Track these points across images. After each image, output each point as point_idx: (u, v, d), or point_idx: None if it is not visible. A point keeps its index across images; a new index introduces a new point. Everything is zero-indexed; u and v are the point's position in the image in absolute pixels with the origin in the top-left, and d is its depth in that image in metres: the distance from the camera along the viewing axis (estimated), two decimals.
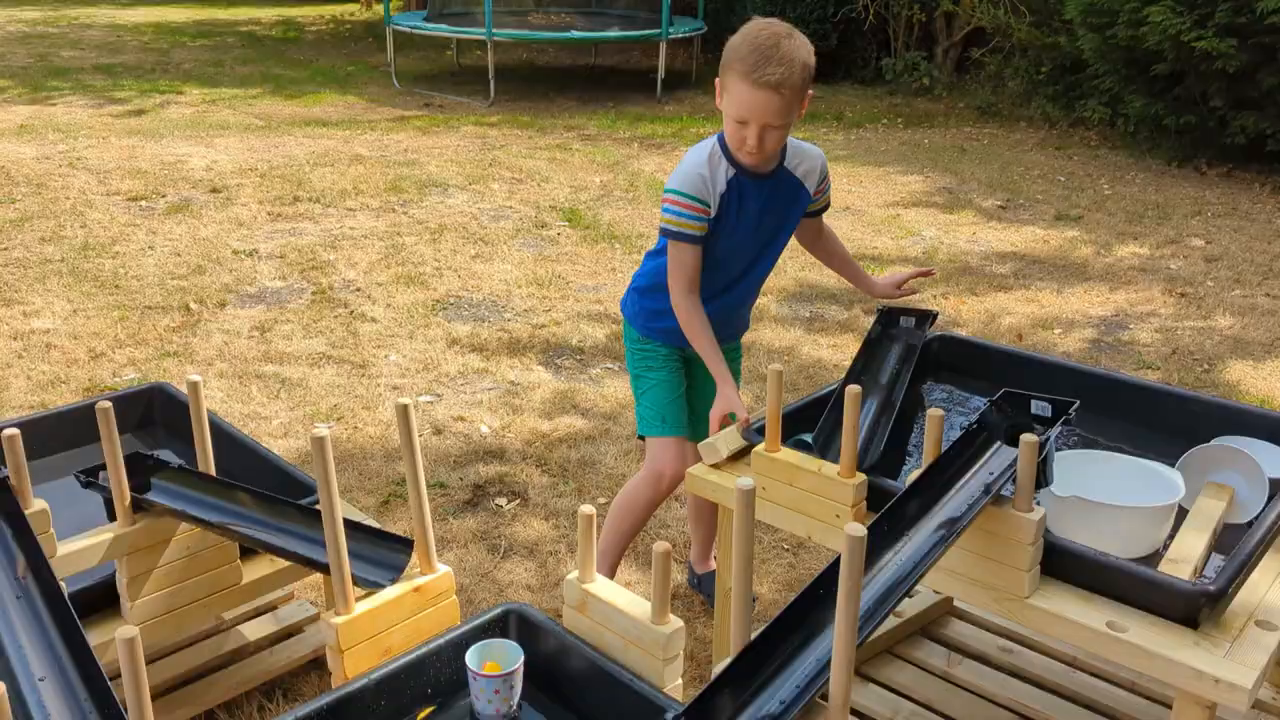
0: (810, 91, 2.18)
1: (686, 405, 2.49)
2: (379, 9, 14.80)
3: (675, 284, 2.29)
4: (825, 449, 2.01)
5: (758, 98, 2.10)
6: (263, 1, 18.31)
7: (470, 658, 1.61)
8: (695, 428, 2.50)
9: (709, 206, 2.24)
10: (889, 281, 2.55)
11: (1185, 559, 1.73)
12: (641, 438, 2.53)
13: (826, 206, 2.50)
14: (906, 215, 6.27)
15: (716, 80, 2.21)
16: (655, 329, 2.46)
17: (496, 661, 1.62)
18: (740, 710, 1.39)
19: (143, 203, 6.19)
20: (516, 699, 1.60)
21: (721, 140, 2.26)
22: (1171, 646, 1.57)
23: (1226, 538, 1.83)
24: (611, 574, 2.58)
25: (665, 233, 2.27)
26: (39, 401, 3.71)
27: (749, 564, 1.42)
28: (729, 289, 2.40)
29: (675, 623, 1.54)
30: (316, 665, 2.40)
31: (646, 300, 2.46)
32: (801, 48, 2.13)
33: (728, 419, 2.17)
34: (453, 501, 3.17)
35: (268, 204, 6.22)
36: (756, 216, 2.30)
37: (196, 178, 6.75)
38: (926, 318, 2.39)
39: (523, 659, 1.61)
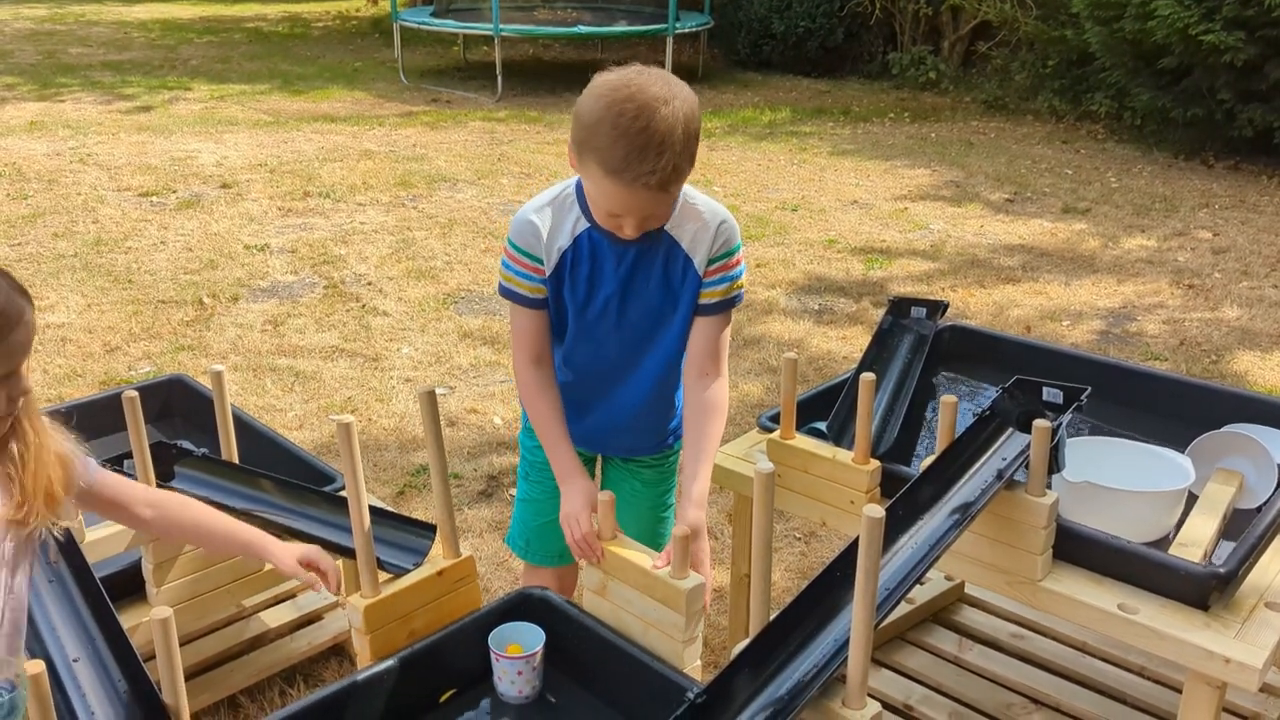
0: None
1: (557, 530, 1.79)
2: (385, 5, 14.81)
3: (516, 353, 1.83)
4: (839, 436, 2.04)
5: (634, 198, 1.61)
6: None
7: (493, 640, 1.64)
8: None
9: (542, 264, 1.77)
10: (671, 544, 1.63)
11: (1195, 543, 1.76)
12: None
13: (723, 306, 1.80)
14: (914, 208, 6.28)
15: (568, 145, 1.67)
16: None
17: (519, 644, 1.65)
18: (760, 689, 1.42)
19: (154, 198, 6.23)
20: (539, 680, 1.64)
21: (579, 187, 1.76)
22: (1182, 628, 1.60)
23: (1236, 523, 1.85)
24: None
25: (500, 291, 1.82)
26: (56, 395, 3.75)
27: (769, 546, 1.45)
28: (609, 380, 1.89)
29: (695, 578, 1.56)
30: (336, 652, 2.43)
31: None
32: (680, 111, 1.58)
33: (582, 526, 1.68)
34: (467, 492, 3.20)
35: (278, 199, 6.25)
36: (619, 287, 1.79)
37: (207, 173, 6.78)
38: (937, 308, 2.42)
39: (544, 641, 1.64)
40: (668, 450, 2.02)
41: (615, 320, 1.82)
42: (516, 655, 1.62)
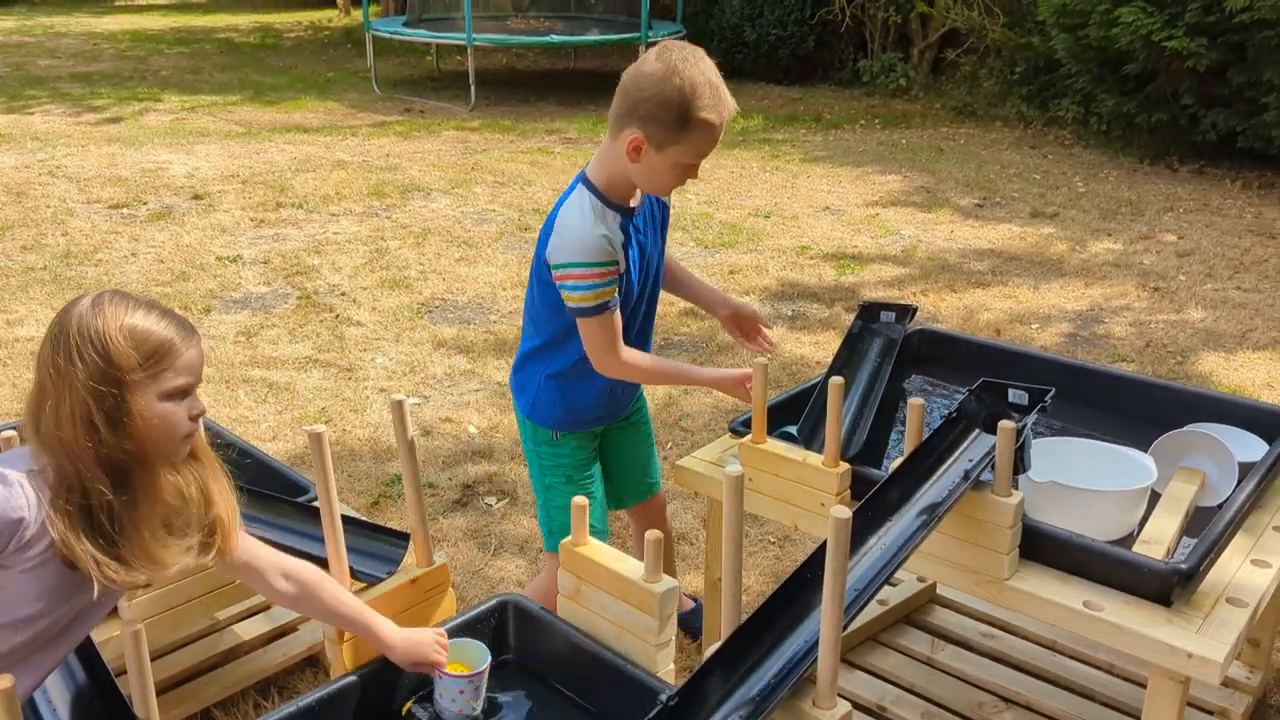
0: None
1: (604, 501, 2.28)
2: (358, 15, 14.79)
3: (609, 356, 2.03)
4: (810, 439, 2.06)
5: (719, 132, 1.95)
6: (240, 8, 18.28)
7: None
8: (619, 493, 2.39)
9: (618, 265, 2.00)
10: (730, 314, 2.31)
11: (1158, 540, 1.79)
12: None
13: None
14: (885, 214, 6.34)
15: (635, 135, 1.91)
16: (581, 420, 2.19)
17: (464, 662, 1.63)
18: (731, 691, 1.44)
19: (124, 210, 6.19)
20: (481, 700, 1.61)
21: (592, 189, 2.01)
22: (1146, 624, 1.63)
23: (1198, 520, 1.89)
24: None
25: (582, 313, 1.99)
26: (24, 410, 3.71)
27: (739, 548, 1.47)
28: (644, 327, 2.20)
29: (669, 581, 1.58)
30: (311, 663, 2.43)
31: (564, 389, 2.15)
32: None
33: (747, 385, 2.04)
34: (442, 501, 3.20)
35: (250, 210, 6.23)
36: (651, 246, 2.13)
37: (178, 185, 6.74)
38: (906, 312, 2.44)
39: (489, 662, 1.62)
40: (639, 402, 2.35)
41: (653, 282, 2.15)
42: (459, 674, 1.59)
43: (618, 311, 2.03)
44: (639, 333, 2.17)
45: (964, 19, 9.60)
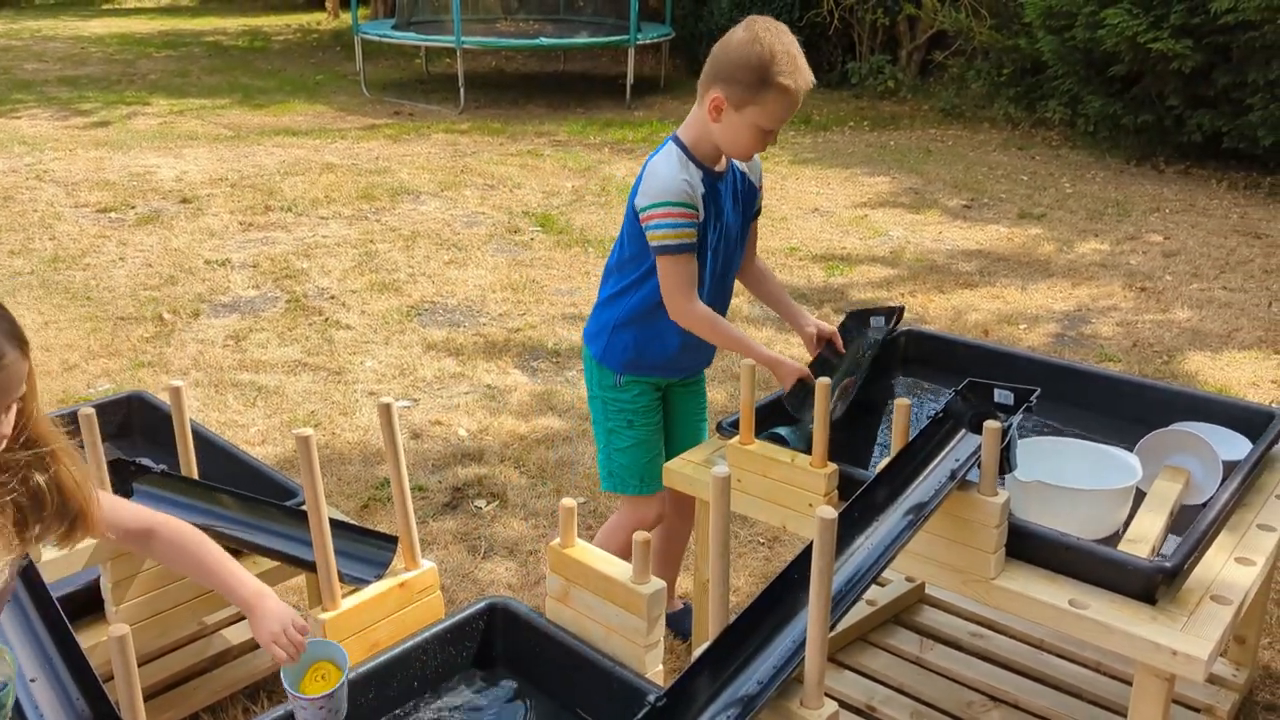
0: None
1: (663, 452, 2.39)
2: (346, 18, 14.77)
3: (682, 299, 2.15)
4: (800, 406, 2.12)
5: (799, 98, 2.07)
6: (228, 11, 18.23)
7: (287, 678, 1.52)
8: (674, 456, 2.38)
9: (697, 211, 2.14)
10: (815, 332, 2.36)
11: (1143, 539, 1.80)
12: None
13: (760, 209, 2.40)
14: (874, 215, 6.36)
15: (716, 95, 2.07)
16: (646, 366, 2.30)
17: (330, 660, 1.55)
18: (719, 691, 1.44)
19: (112, 214, 6.17)
20: (342, 713, 1.52)
21: (680, 145, 2.18)
22: (1131, 621, 1.64)
23: (1183, 518, 1.90)
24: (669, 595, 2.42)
25: (664, 250, 2.13)
26: None
27: (726, 549, 1.47)
28: (716, 291, 2.29)
29: (656, 583, 1.58)
30: None
31: (635, 334, 2.27)
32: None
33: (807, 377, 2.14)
34: (432, 504, 3.20)
35: (239, 213, 6.21)
36: (730, 214, 2.25)
37: (166, 188, 6.72)
38: (893, 313, 2.46)
39: (346, 678, 1.51)
40: (702, 371, 2.47)
41: (731, 236, 2.25)
42: (313, 696, 1.49)
43: (692, 258, 2.14)
44: (716, 287, 2.27)
45: (951, 21, 9.64)
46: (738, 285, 2.40)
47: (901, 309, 2.48)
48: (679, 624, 2.58)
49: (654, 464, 2.35)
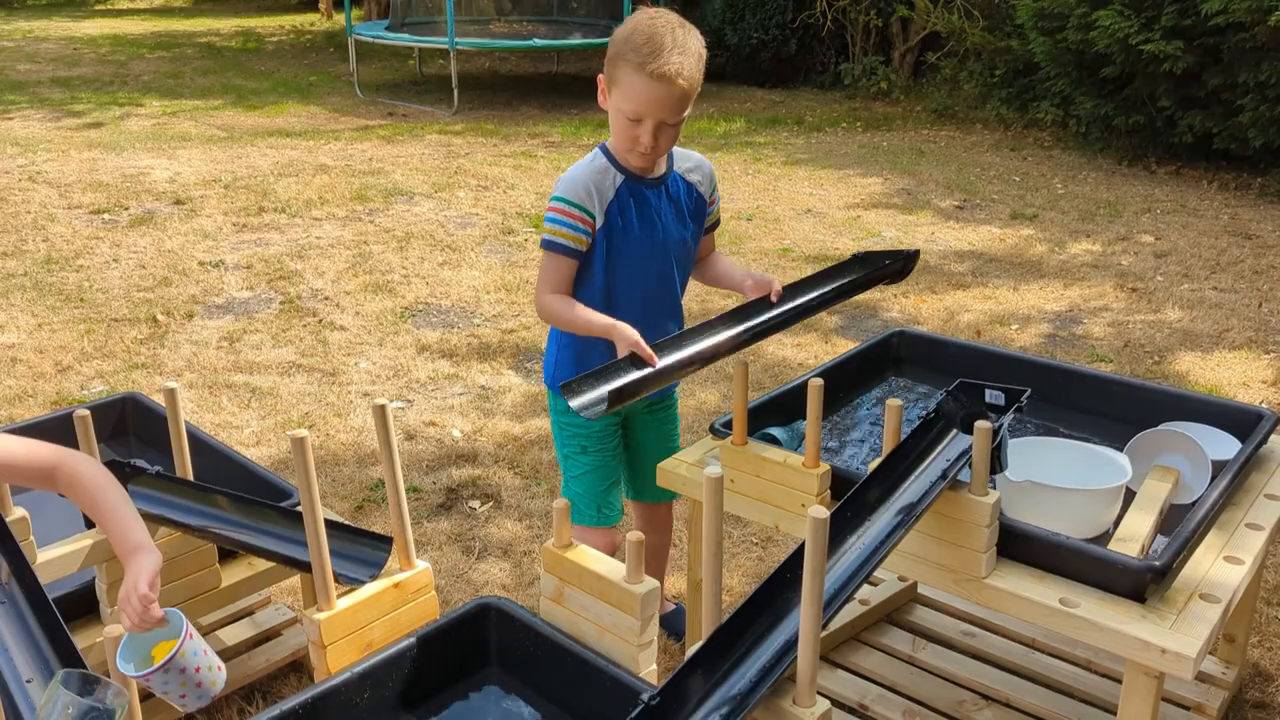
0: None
1: (621, 482, 2.32)
2: (340, 19, 14.76)
3: (541, 289, 2.10)
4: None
5: (654, 90, 1.95)
6: (221, 12, 18.21)
7: (124, 664, 1.48)
8: (638, 485, 2.42)
9: (593, 218, 2.07)
10: (753, 284, 2.22)
11: (1133, 538, 1.82)
12: None
13: (718, 223, 2.32)
14: (867, 216, 6.38)
15: (600, 77, 2.06)
16: None
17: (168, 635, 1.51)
18: (712, 690, 1.45)
19: (105, 215, 6.16)
20: (209, 672, 1.48)
21: (605, 149, 2.13)
22: (1120, 620, 1.65)
23: (1172, 517, 1.91)
24: None
25: (543, 243, 2.10)
26: (6, 416, 3.70)
27: (719, 549, 1.48)
28: (649, 305, 2.20)
29: (649, 582, 1.59)
30: (295, 668, 2.43)
31: (577, 350, 2.21)
32: (696, 39, 2.02)
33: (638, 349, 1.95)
34: (426, 505, 3.20)
35: (233, 215, 6.21)
36: (656, 223, 2.15)
37: (160, 190, 6.72)
38: (910, 256, 2.38)
39: (177, 652, 1.46)
40: (671, 393, 2.40)
41: (658, 246, 2.16)
42: (149, 669, 1.48)
43: (570, 264, 2.10)
44: (649, 300, 2.19)
45: (944, 22, 9.67)
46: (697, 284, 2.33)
47: (916, 252, 2.43)
48: (671, 625, 2.59)
49: (611, 494, 2.26)
